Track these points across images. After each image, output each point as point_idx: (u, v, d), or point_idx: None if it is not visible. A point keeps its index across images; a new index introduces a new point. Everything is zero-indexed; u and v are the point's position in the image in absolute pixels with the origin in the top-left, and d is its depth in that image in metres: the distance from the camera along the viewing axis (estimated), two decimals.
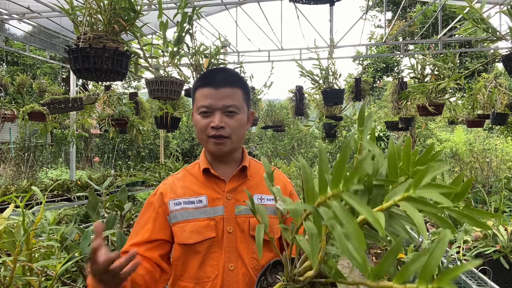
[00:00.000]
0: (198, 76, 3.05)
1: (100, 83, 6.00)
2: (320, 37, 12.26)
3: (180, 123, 7.09)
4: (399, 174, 0.64)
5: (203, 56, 3.00)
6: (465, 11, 2.79)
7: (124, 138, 12.31)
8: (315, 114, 6.67)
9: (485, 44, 5.86)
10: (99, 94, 5.34)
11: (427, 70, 4.65)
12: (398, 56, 13.66)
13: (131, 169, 9.39)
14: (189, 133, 14.07)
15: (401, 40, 10.99)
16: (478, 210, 0.61)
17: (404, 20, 13.58)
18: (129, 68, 2.41)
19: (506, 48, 4.79)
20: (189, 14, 2.59)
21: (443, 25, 6.50)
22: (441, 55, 4.75)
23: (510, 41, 2.69)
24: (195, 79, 3.12)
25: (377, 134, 11.73)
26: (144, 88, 8.52)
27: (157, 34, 6.06)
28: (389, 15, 14.63)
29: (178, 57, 2.88)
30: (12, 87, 6.42)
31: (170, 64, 2.94)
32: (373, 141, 0.68)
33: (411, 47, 12.43)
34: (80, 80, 9.28)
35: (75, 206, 5.20)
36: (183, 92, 3.25)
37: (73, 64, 2.16)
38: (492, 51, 7.14)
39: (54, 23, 6.00)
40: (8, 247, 1.35)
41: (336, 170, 0.59)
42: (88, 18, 2.18)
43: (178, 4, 2.61)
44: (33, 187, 1.50)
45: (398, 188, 0.60)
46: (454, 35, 6.79)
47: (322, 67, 4.73)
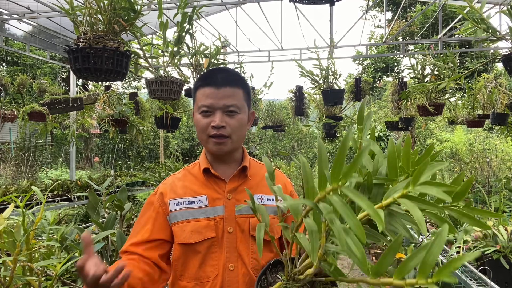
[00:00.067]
0: (198, 76, 3.05)
1: (100, 83, 5.99)
2: (320, 37, 12.26)
3: (180, 123, 7.10)
4: (399, 173, 0.64)
5: (203, 56, 3.00)
6: (465, 11, 2.79)
7: (124, 138, 12.31)
8: (315, 114, 6.67)
9: (485, 44, 5.86)
10: (99, 94, 5.34)
11: (427, 70, 4.65)
12: (398, 56, 13.66)
13: (131, 169, 9.39)
14: (189, 133, 14.07)
15: (401, 40, 10.99)
16: (478, 210, 0.61)
17: (404, 20, 13.58)
18: (129, 68, 2.41)
19: (506, 48, 4.79)
20: (189, 14, 2.59)
21: (443, 25, 6.50)
22: (441, 55, 4.75)
23: (510, 41, 2.69)
24: (195, 79, 3.12)
25: (377, 134, 11.73)
26: (144, 88, 8.51)
27: (157, 34, 6.06)
28: (389, 15, 14.63)
29: (178, 57, 2.88)
30: (12, 87, 6.42)
31: (170, 64, 2.94)
32: (373, 140, 0.68)
33: (411, 47, 12.43)
34: (80, 80, 9.28)
35: (75, 206, 5.20)
36: (183, 92, 3.25)
37: (73, 64, 2.16)
38: (492, 51, 7.14)
39: (54, 23, 6.01)
40: (8, 247, 1.35)
41: (335, 165, 0.59)
42: (88, 18, 2.18)
43: (178, 4, 2.61)
44: (33, 187, 1.50)
45: (398, 186, 0.60)
46: (454, 35, 6.79)
47: (322, 67, 4.73)
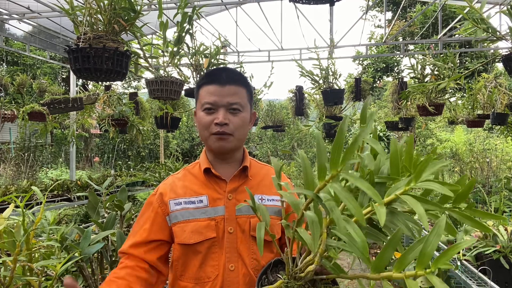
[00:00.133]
0: (198, 76, 3.05)
1: (100, 83, 5.99)
2: (320, 37, 12.27)
3: (180, 123, 7.10)
4: (401, 172, 0.64)
5: (203, 56, 3.00)
6: (465, 11, 2.79)
7: (124, 138, 12.31)
8: (315, 114, 6.67)
9: (485, 44, 5.86)
10: (99, 94, 5.33)
11: (427, 70, 4.65)
12: (398, 56, 13.66)
13: (131, 169, 9.39)
14: (189, 133, 14.07)
15: (401, 40, 10.99)
16: (479, 211, 0.61)
17: (404, 20, 13.59)
18: (129, 68, 2.41)
19: (506, 48, 4.79)
20: (189, 14, 2.59)
21: (443, 25, 6.50)
22: (441, 55, 4.75)
23: (510, 41, 2.69)
24: (195, 79, 3.12)
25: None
26: (144, 88, 8.52)
27: (157, 34, 6.06)
28: (389, 15, 14.63)
29: (178, 57, 2.88)
30: (12, 87, 6.41)
31: (170, 64, 2.94)
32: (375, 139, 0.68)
33: (411, 47, 12.44)
34: (80, 80, 9.28)
35: (75, 206, 5.20)
36: (183, 92, 3.25)
37: (73, 64, 2.16)
38: (492, 51, 7.14)
39: (54, 23, 6.00)
40: (8, 247, 1.35)
41: (334, 151, 0.60)
42: (88, 18, 2.18)
43: (178, 4, 2.61)
44: (33, 187, 1.50)
45: (400, 183, 0.61)
46: (454, 35, 6.79)
47: (322, 67, 4.73)
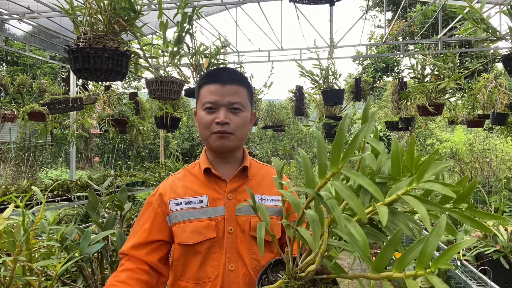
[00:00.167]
0: (198, 76, 3.05)
1: (100, 83, 5.99)
2: (320, 37, 12.27)
3: (180, 123, 7.09)
4: (402, 173, 0.64)
5: (203, 56, 3.00)
6: (465, 11, 2.79)
7: (124, 138, 12.31)
8: (315, 114, 6.67)
9: (485, 44, 5.86)
10: (99, 94, 5.33)
11: (427, 70, 4.65)
12: (398, 56, 13.66)
13: (131, 169, 9.38)
14: (189, 133, 14.06)
15: (401, 40, 10.99)
16: (480, 212, 0.61)
17: (404, 20, 13.58)
18: (129, 68, 2.41)
19: (506, 48, 4.79)
20: (189, 14, 2.59)
21: (443, 25, 6.50)
22: (441, 55, 4.75)
23: (510, 41, 2.69)
24: (195, 79, 3.12)
25: None
26: (144, 88, 8.51)
27: (157, 34, 6.06)
28: (389, 15, 14.63)
29: (178, 57, 2.88)
30: (12, 87, 6.41)
31: (170, 64, 2.94)
32: (376, 139, 0.68)
33: (411, 47, 12.43)
34: (80, 80, 9.28)
35: (75, 206, 5.20)
36: (183, 92, 3.25)
37: (73, 64, 2.16)
38: (492, 51, 7.14)
39: (54, 23, 6.00)
40: (8, 247, 1.35)
41: (334, 149, 0.60)
42: (88, 18, 2.18)
43: (178, 4, 2.61)
44: (33, 187, 1.50)
45: (401, 184, 0.60)
46: (454, 35, 6.79)
47: (322, 67, 4.73)
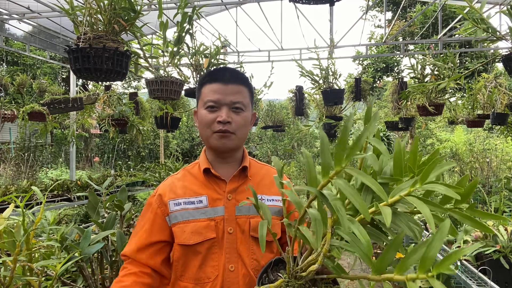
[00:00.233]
0: (198, 76, 3.05)
1: (100, 83, 5.99)
2: (320, 37, 12.27)
3: (180, 123, 7.09)
4: (404, 173, 0.64)
5: (203, 56, 3.00)
6: (465, 11, 2.79)
7: (124, 138, 12.31)
8: (315, 114, 6.67)
9: (485, 44, 5.86)
10: (99, 94, 5.33)
11: (427, 70, 4.65)
12: (398, 56, 13.66)
13: (131, 169, 9.38)
14: (189, 133, 14.06)
15: (401, 40, 10.98)
16: (480, 212, 0.61)
17: (404, 20, 13.58)
18: (129, 68, 2.41)
19: (506, 48, 4.79)
20: (189, 14, 2.59)
21: (443, 25, 6.50)
22: (441, 55, 4.75)
23: (510, 41, 2.69)
24: (195, 79, 3.12)
25: None
26: (144, 88, 8.51)
27: (157, 34, 6.06)
28: (389, 15, 14.63)
29: (178, 57, 2.88)
30: (12, 87, 6.41)
31: (170, 64, 2.94)
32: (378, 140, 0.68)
33: (411, 47, 12.43)
34: (80, 80, 9.28)
35: (75, 206, 5.20)
36: (183, 92, 3.25)
37: (73, 64, 2.16)
38: (492, 51, 7.14)
39: (54, 23, 6.00)
40: (8, 247, 1.35)
41: (338, 148, 0.60)
42: (88, 18, 2.18)
43: (178, 4, 2.61)
44: (33, 187, 1.50)
45: (404, 184, 0.60)
46: (454, 35, 6.79)
47: (322, 67, 4.73)
